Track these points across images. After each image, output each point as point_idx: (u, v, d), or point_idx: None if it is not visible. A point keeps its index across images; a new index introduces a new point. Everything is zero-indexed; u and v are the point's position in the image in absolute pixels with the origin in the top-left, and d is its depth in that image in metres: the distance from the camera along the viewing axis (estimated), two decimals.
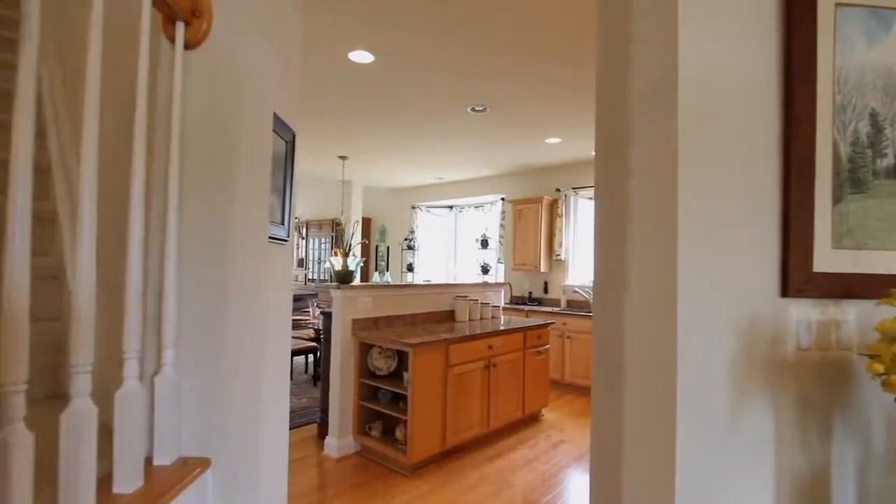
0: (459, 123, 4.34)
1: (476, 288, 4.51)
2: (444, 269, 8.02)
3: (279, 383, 1.59)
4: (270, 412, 1.47)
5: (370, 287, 3.52)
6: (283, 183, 1.62)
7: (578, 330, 5.12)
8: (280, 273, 1.65)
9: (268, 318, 1.46)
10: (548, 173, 6.24)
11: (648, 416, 1.05)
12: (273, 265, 1.54)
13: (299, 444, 3.53)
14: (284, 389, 1.67)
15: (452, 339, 3.25)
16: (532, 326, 4.06)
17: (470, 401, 3.40)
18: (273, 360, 1.54)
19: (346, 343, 3.35)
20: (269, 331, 1.50)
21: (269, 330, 1.51)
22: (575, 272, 6.03)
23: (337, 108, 4.02)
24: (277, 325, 1.62)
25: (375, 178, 7.33)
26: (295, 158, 1.69)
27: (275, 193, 1.56)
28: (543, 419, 4.24)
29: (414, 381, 3.00)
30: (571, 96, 3.62)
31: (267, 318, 1.46)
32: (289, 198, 1.65)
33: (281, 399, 1.61)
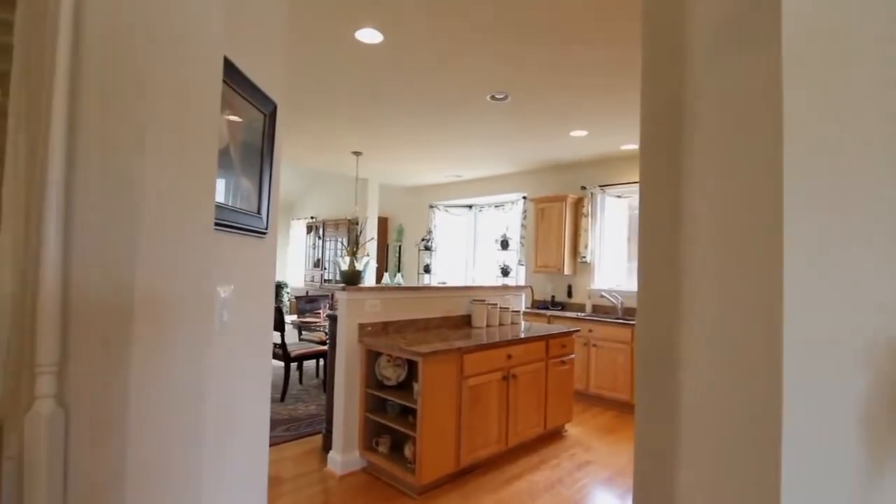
0: (478, 113, 4.04)
1: (495, 291, 4.20)
2: (462, 270, 7.72)
3: (254, 437, 1.32)
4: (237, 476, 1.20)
5: (379, 289, 3.25)
6: (261, 163, 1.35)
7: (605, 337, 4.76)
8: (259, 272, 1.38)
9: (232, 331, 1.19)
10: (573, 170, 5.88)
11: (729, 475, 0.74)
12: (243, 260, 1.27)
13: (302, 458, 3.28)
14: (262, 445, 1.40)
15: (468, 347, 2.95)
16: (556, 334, 3.73)
17: (486, 416, 3.09)
18: (245, 411, 1.28)
19: (351, 350, 3.08)
20: (237, 347, 1.24)
21: (237, 346, 1.24)
22: (601, 275, 5.66)
23: (345, 96, 3.77)
24: (253, 341, 1.35)
25: (392, 175, 7.09)
26: (277, 136, 1.43)
27: (247, 176, 1.29)
28: (567, 435, 3.89)
29: (424, 393, 2.71)
30: (601, 83, 3.29)
31: (231, 331, 1.19)
32: (268, 183, 1.39)
33: (254, 456, 1.34)
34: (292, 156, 6.00)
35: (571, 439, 3.81)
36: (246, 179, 1.28)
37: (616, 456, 3.49)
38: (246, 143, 1.27)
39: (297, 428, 3.86)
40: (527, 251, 6.35)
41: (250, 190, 1.30)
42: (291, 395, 4.70)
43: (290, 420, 4.03)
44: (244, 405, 1.31)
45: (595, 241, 5.66)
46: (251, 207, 1.30)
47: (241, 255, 1.27)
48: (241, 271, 1.28)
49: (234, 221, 1.19)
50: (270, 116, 1.38)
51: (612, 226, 5.65)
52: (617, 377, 4.64)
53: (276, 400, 4.55)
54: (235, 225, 1.20)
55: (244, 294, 1.30)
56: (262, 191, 1.36)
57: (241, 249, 1.27)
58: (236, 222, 1.20)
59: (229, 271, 1.21)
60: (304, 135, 4.98)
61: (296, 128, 4.73)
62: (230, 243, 1.20)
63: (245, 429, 1.31)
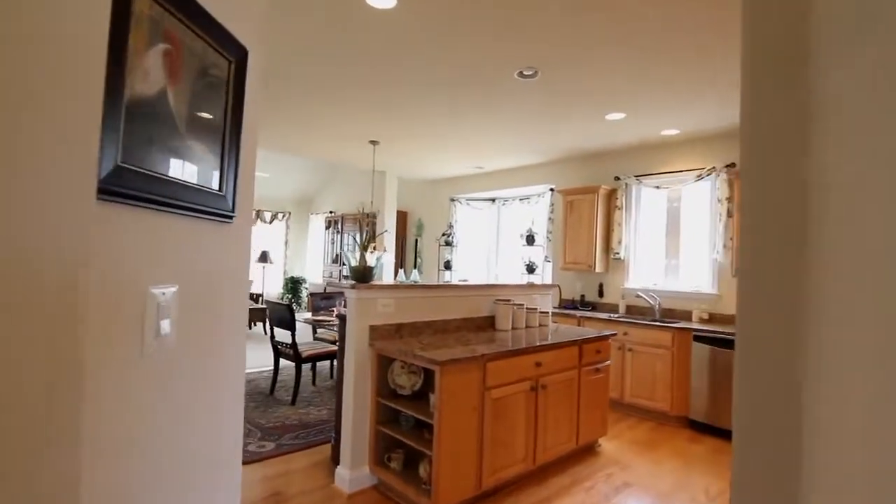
0: (504, 94, 3.66)
1: (521, 290, 3.83)
2: (484, 267, 7.36)
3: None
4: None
5: (392, 287, 2.92)
6: (224, 126, 1.03)
7: (642, 341, 4.34)
8: (223, 267, 1.06)
9: (178, 348, 0.88)
10: (606, 159, 5.44)
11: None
12: (196, 252, 0.95)
13: (309, 471, 2.99)
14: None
15: (491, 354, 2.60)
16: (590, 338, 3.34)
17: (512, 431, 2.73)
18: (200, 476, 0.95)
19: (361, 354, 2.77)
20: (187, 371, 0.91)
21: (187, 370, 0.92)
22: (636, 273, 5.22)
23: (358, 78, 3.45)
24: (213, 362, 1.04)
25: (410, 168, 6.76)
26: (248, 93, 1.10)
27: (202, 140, 0.97)
28: (601, 451, 3.51)
29: (441, 407, 2.38)
30: (643, 58, 2.87)
31: (177, 348, 0.88)
32: (234, 153, 1.06)
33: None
34: (307, 147, 5.73)
35: (606, 456, 3.42)
36: (199, 145, 0.95)
37: (658, 477, 3.09)
38: (200, 95, 0.95)
39: (307, 435, 3.58)
40: (554, 247, 5.95)
41: (206, 159, 0.98)
42: (303, 398, 4.44)
43: (300, 426, 3.76)
44: (197, 466, 0.99)
45: (629, 236, 5.22)
46: (208, 182, 0.98)
47: (191, 244, 0.95)
48: (193, 266, 0.96)
49: (175, 198, 0.87)
50: (238, 65, 1.06)
51: (648, 220, 5.20)
52: (655, 385, 4.21)
53: (286, 403, 4.29)
54: (177, 203, 0.88)
55: (199, 297, 0.98)
56: (225, 162, 1.03)
57: (191, 237, 0.95)
58: (179, 200, 0.88)
59: (171, 266, 0.89)
60: (318, 123, 4.69)
61: (308, 116, 4.44)
62: (170, 229, 0.88)
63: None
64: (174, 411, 0.91)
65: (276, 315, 4.50)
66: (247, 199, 1.14)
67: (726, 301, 4.46)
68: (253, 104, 1.13)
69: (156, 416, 0.86)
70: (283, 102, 4.13)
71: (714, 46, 2.77)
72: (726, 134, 4.48)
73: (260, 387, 4.81)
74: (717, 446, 3.70)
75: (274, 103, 4.16)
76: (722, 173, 4.45)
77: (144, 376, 0.83)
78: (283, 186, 10.15)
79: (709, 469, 3.26)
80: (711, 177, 4.59)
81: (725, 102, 3.68)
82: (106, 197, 0.70)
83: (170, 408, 0.90)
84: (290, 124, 4.81)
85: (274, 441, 3.43)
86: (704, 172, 4.60)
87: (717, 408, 3.89)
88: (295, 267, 10.79)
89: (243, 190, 1.12)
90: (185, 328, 0.94)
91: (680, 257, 4.93)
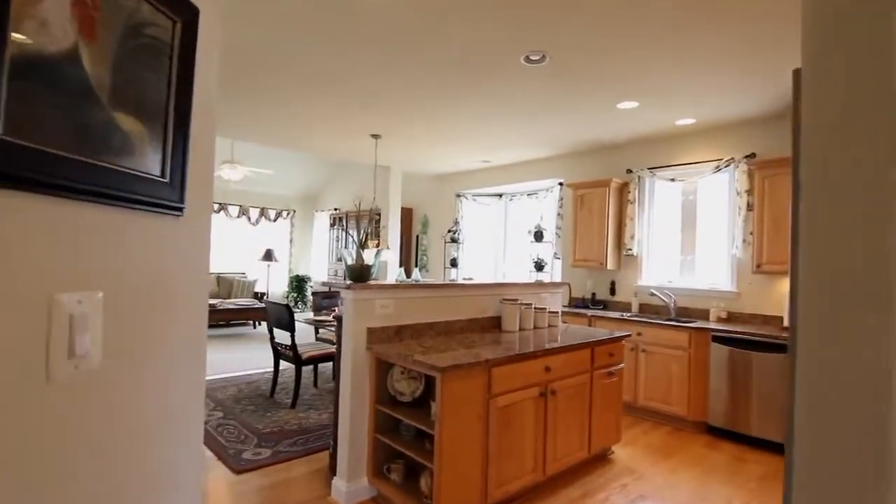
0: (510, 81, 3.47)
1: (529, 289, 3.64)
2: (491, 264, 7.17)
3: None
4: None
5: (391, 287, 2.75)
6: (167, 99, 0.85)
7: (656, 342, 4.13)
8: (172, 270, 0.89)
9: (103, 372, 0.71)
10: (617, 151, 5.22)
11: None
12: (132, 251, 0.79)
13: (305, 481, 2.83)
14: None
15: (497, 359, 2.42)
16: (603, 340, 3.15)
17: (520, 440, 2.56)
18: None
19: (359, 358, 2.60)
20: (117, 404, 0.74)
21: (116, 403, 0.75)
22: (650, 270, 5.00)
23: (355, 63, 3.27)
24: (154, 391, 0.87)
25: (415, 162, 6.58)
26: (201, 62, 0.93)
27: (136, 114, 0.80)
28: (614, 459, 3.32)
29: (443, 416, 2.20)
30: (659, 41, 2.67)
31: (101, 373, 0.71)
32: (183, 133, 0.89)
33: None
34: (306, 141, 5.58)
35: (620, 464, 3.23)
36: (132, 121, 0.78)
37: (676, 488, 2.90)
38: (131, 60, 0.78)
39: (307, 441, 3.43)
40: (564, 243, 5.74)
41: (143, 139, 0.81)
42: (304, 401, 4.29)
43: (300, 431, 3.61)
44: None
45: (642, 231, 5.01)
46: (145, 167, 0.81)
47: (123, 241, 0.78)
48: (127, 268, 0.79)
49: (96, 185, 0.70)
50: (186, 27, 0.89)
51: (662, 214, 4.98)
52: (671, 388, 4.01)
53: (286, 406, 4.15)
54: (100, 191, 0.71)
55: (138, 305, 0.81)
56: (169, 143, 0.86)
57: (122, 233, 0.78)
58: (101, 186, 0.71)
59: (91, 268, 0.72)
60: (316, 116, 4.52)
61: (306, 108, 4.28)
62: (89, 222, 0.71)
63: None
64: (99, 451, 0.74)
65: (274, 315, 4.35)
66: (202, 189, 0.97)
67: (745, 299, 4.24)
68: (207, 76, 0.96)
69: (70, 458, 0.69)
70: (280, 95, 3.97)
71: (734, 28, 2.55)
72: (746, 122, 4.24)
73: (260, 389, 4.67)
74: (737, 453, 3.49)
75: (271, 96, 4.00)
76: (741, 164, 4.21)
77: (53, 407, 0.66)
78: (287, 184, 10.02)
79: (730, 479, 3.05)
80: (730, 168, 4.36)
81: (745, 89, 3.45)
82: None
83: (94, 447, 0.73)
84: (288, 118, 4.65)
85: (270, 448, 3.28)
86: (722, 164, 4.37)
87: (737, 412, 3.68)
88: (300, 265, 10.68)
89: (197, 178, 0.95)
90: (118, 344, 0.77)
91: (696, 253, 4.71)
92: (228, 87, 3.78)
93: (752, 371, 3.62)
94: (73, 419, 0.69)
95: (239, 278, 9.12)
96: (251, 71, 3.45)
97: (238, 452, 3.18)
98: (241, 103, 4.22)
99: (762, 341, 3.58)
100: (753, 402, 3.60)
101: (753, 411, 3.59)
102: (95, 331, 0.72)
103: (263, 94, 3.94)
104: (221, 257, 9.50)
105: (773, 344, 3.53)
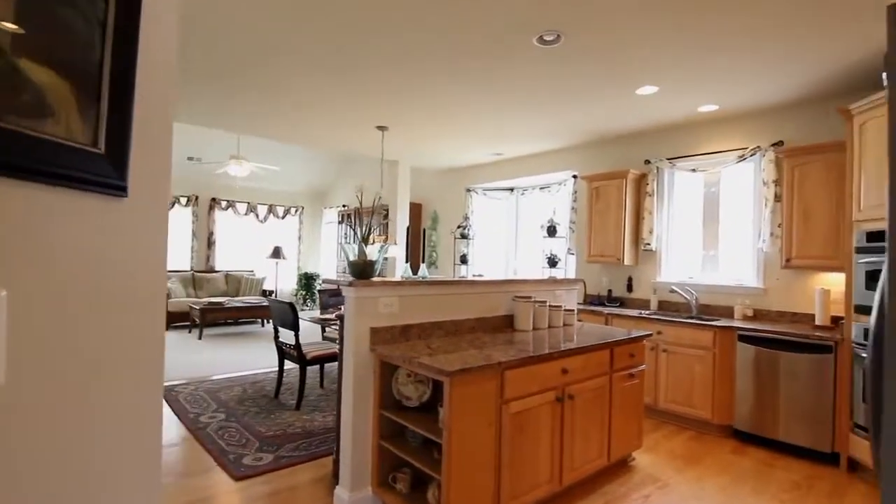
0: (522, 64, 3.27)
1: (543, 285, 3.45)
2: (502, 260, 6.98)
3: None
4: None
5: (396, 284, 2.58)
6: (102, 52, 0.69)
7: (678, 341, 3.91)
8: (110, 264, 0.73)
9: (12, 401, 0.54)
10: (635, 141, 4.99)
11: None
12: (47, 241, 0.62)
13: (306, 488, 2.69)
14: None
15: (510, 361, 2.23)
16: (623, 340, 2.95)
17: (535, 448, 2.37)
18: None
19: (362, 360, 2.44)
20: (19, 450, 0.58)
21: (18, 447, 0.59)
22: (669, 266, 4.77)
23: (358, 49, 3.10)
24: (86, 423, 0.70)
25: (423, 156, 6.41)
26: (147, 8, 0.76)
27: (61, 70, 0.63)
28: (635, 466, 3.12)
29: (451, 424, 2.03)
30: (683, 19, 2.45)
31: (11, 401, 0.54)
32: (124, 97, 0.72)
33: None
34: (310, 134, 5.43)
35: (641, 472, 3.03)
36: (47, 73, 0.62)
37: (704, 499, 2.69)
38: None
39: (310, 446, 3.28)
40: (578, 238, 5.53)
41: (65, 98, 0.64)
42: (309, 402, 4.15)
43: (304, 435, 3.46)
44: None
45: (661, 225, 4.78)
46: (72, 134, 0.64)
47: (43, 228, 0.62)
48: (46, 261, 0.63)
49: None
50: None
51: (682, 207, 4.75)
52: (694, 390, 3.79)
53: (290, 408, 4.01)
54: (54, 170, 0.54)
55: (63, 308, 0.65)
56: (105, 106, 0.69)
57: (41, 217, 0.62)
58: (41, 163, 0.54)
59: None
60: (320, 107, 4.36)
61: (309, 99, 4.12)
62: None
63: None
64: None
65: (278, 314, 4.22)
66: (156, 167, 0.80)
67: (773, 295, 4.00)
68: (160, 24, 0.79)
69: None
70: (282, 86, 3.81)
71: (769, 7, 2.33)
72: (772, 109, 3.99)
73: (265, 389, 4.55)
74: (767, 459, 3.28)
75: (272, 87, 3.84)
76: (768, 152, 3.97)
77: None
78: (295, 180, 9.92)
79: (762, 487, 2.84)
80: (756, 157, 4.11)
81: (773, 73, 3.21)
82: None
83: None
84: (291, 109, 4.50)
85: (273, 452, 3.14)
86: (748, 153, 4.12)
87: (764, 415, 3.45)
88: (309, 262, 10.58)
89: (148, 152, 0.78)
90: (29, 356, 0.61)
91: (719, 247, 4.47)
92: (232, 80, 3.64)
93: (779, 372, 3.39)
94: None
95: (247, 276, 9.04)
96: (252, 61, 3.29)
97: (239, 457, 3.04)
98: (243, 96, 4.07)
99: (792, 341, 3.35)
100: (781, 404, 3.37)
101: (781, 414, 3.37)
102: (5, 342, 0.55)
103: (266, 85, 3.79)
104: (230, 255, 9.43)
105: (805, 344, 3.29)
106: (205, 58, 3.28)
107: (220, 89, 3.95)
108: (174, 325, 7.77)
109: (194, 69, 3.50)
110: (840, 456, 3.13)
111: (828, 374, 3.19)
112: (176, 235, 8.84)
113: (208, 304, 7.44)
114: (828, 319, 3.51)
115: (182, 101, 4.27)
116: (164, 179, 0.83)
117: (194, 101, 4.29)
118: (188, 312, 7.57)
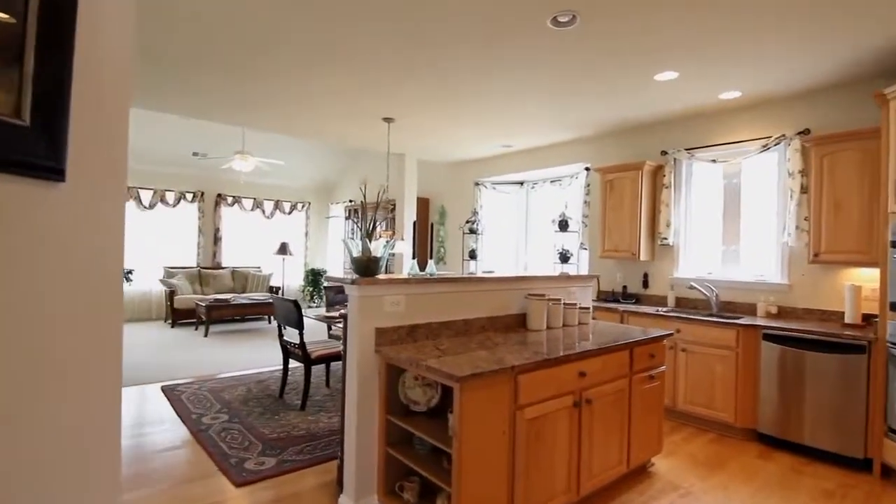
0: (535, 48, 3.10)
1: (557, 282, 3.29)
2: (512, 256, 6.81)
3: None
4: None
5: (402, 282, 2.44)
6: (25, 4, 0.55)
7: (697, 340, 3.74)
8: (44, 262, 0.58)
9: None
10: (651, 131, 4.79)
11: None
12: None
13: (310, 495, 2.57)
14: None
15: (524, 365, 2.09)
16: (643, 340, 2.78)
17: (551, 457, 2.23)
18: None
19: (366, 362, 2.31)
20: None
21: None
22: (688, 261, 4.58)
23: (363, 34, 2.94)
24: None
25: (430, 149, 6.25)
26: None
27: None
28: (655, 472, 2.96)
29: (462, 433, 1.89)
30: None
31: None
32: (59, 59, 0.58)
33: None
34: (315, 127, 5.29)
35: (662, 479, 2.87)
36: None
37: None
38: None
39: (315, 449, 3.16)
40: (591, 233, 5.35)
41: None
42: (314, 403, 4.04)
43: (308, 437, 3.35)
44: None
45: (679, 218, 4.59)
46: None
47: None
48: None
49: None
50: None
51: (701, 199, 4.55)
52: (715, 391, 3.62)
53: (295, 408, 3.90)
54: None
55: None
56: (31, 69, 0.55)
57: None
58: None
59: None
60: (324, 99, 4.22)
61: (312, 90, 3.98)
62: None
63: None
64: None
65: (282, 312, 4.10)
66: (106, 147, 0.66)
67: (798, 292, 3.80)
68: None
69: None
70: (281, 76, 3.67)
71: None
72: (798, 95, 3.78)
73: (270, 388, 4.44)
74: (794, 464, 3.10)
75: (273, 77, 3.71)
76: (794, 141, 3.76)
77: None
78: (301, 176, 9.81)
79: (791, 495, 2.68)
80: (780, 146, 3.91)
81: (800, 56, 3.01)
82: None
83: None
84: (293, 102, 4.36)
85: (276, 456, 3.03)
86: (771, 142, 3.92)
87: (789, 419, 3.27)
88: (316, 259, 10.49)
89: (96, 130, 0.64)
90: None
91: (740, 242, 4.27)
92: (234, 71, 3.51)
93: (806, 372, 3.21)
94: None
95: (254, 272, 8.97)
96: (257, 50, 3.15)
97: (240, 462, 2.93)
98: (244, 87, 3.94)
99: (822, 340, 3.16)
100: (807, 407, 3.19)
101: (807, 418, 3.19)
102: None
103: (268, 74, 3.65)
104: (236, 251, 9.36)
105: (835, 343, 3.11)
106: (209, 48, 3.15)
107: (223, 80, 3.81)
108: (180, 322, 7.72)
109: (194, 59, 3.37)
110: (873, 462, 2.95)
111: (860, 375, 3.00)
112: (182, 232, 8.78)
113: (214, 300, 7.36)
114: (859, 317, 3.31)
115: (184, 93, 4.15)
116: (118, 163, 0.69)
117: (196, 93, 4.17)
118: (194, 309, 7.51)
